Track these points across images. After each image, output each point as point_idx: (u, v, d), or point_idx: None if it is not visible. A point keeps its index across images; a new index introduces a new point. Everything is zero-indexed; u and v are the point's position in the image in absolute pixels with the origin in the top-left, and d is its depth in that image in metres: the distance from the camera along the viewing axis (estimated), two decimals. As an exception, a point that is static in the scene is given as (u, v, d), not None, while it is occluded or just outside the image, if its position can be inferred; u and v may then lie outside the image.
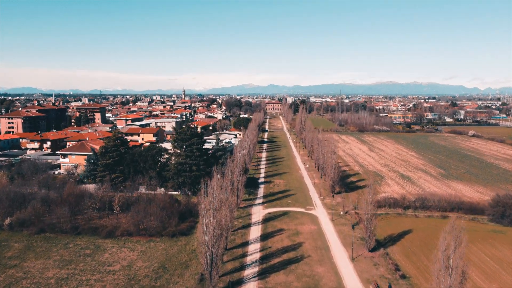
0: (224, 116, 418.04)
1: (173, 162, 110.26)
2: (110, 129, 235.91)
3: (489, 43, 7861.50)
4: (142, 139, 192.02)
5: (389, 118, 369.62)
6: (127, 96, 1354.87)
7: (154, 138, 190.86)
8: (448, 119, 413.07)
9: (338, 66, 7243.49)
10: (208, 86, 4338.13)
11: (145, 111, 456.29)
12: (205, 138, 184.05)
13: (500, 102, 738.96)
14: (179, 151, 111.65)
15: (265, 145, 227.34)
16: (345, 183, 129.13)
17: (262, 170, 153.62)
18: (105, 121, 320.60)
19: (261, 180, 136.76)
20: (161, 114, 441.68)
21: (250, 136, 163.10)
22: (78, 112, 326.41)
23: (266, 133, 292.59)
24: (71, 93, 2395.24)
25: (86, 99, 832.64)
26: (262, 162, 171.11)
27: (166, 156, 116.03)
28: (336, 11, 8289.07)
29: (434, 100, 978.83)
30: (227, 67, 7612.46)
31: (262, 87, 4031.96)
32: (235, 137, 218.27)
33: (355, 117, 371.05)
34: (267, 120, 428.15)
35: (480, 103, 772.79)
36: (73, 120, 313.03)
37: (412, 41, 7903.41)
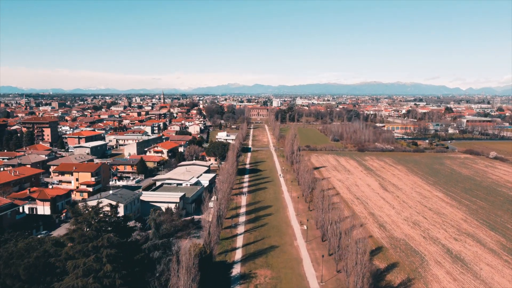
0: (202, 127, 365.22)
1: (68, 278, 57.92)
2: (46, 157, 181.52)
3: (470, 45, 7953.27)
4: (77, 179, 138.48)
5: (390, 132, 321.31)
6: (106, 98, 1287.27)
7: (93, 179, 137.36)
8: (451, 130, 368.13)
9: (323, 66, 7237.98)
10: (193, 86, 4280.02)
11: (115, 120, 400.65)
12: (164, 176, 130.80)
13: (495, 107, 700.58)
14: (79, 258, 59.33)
15: (246, 178, 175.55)
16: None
17: (240, 240, 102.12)
18: (56, 138, 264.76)
19: (236, 270, 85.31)
20: (131, 123, 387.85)
21: (224, 186, 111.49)
22: (23, 127, 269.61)
23: (249, 154, 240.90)
24: (51, 92, 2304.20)
25: (57, 103, 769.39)
26: (241, 219, 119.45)
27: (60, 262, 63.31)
28: (321, 12, 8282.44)
29: (424, 104, 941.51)
30: (212, 66, 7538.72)
31: (247, 86, 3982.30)
32: (208, 170, 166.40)
33: (351, 130, 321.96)
34: (251, 132, 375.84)
35: (474, 107, 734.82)
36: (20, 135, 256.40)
37: (396, 42, 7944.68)
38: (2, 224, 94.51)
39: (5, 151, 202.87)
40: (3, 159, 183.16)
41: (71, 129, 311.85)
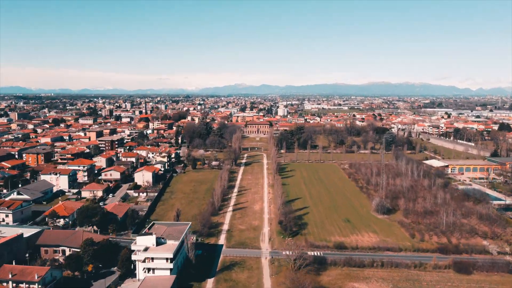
0: (162, 169, 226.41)
1: None
2: None
3: (480, 44, 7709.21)
4: None
5: (487, 205, 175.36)
6: (100, 101, 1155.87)
7: None
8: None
9: (331, 66, 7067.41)
10: (200, 86, 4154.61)
11: (44, 151, 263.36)
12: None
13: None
14: None
15: None
16: None
17: None
18: None
19: None
20: (61, 158, 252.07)
21: None
22: None
23: (224, 238, 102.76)
24: (53, 93, 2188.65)
25: (16, 114, 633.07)
26: None
27: None
28: (328, 11, 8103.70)
29: (450, 111, 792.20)
30: (219, 66, 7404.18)
31: (254, 87, 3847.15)
32: None
33: (406, 187, 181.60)
34: (239, 175, 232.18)
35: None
36: None
37: (404, 42, 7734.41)
38: None
39: None
40: None
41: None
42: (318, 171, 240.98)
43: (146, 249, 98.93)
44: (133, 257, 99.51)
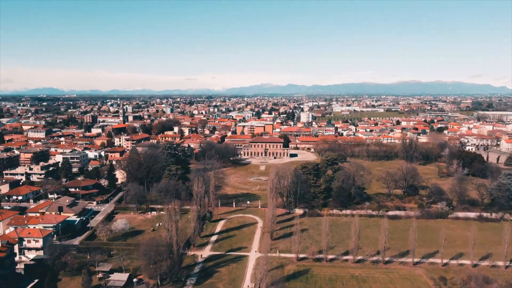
0: None
1: None
2: None
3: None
4: None
5: None
6: (108, 104, 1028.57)
7: None
8: None
9: (359, 65, 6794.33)
10: (226, 86, 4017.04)
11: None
12: None
13: None
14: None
15: None
16: None
17: None
18: None
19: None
20: None
21: None
22: None
23: None
24: (76, 94, 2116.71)
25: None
26: None
27: None
28: (356, 10, 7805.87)
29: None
30: (246, 66, 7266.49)
31: (281, 86, 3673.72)
32: None
33: None
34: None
35: None
36: None
37: (435, 39, 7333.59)
38: None
39: None
40: None
41: None
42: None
43: None
44: None
